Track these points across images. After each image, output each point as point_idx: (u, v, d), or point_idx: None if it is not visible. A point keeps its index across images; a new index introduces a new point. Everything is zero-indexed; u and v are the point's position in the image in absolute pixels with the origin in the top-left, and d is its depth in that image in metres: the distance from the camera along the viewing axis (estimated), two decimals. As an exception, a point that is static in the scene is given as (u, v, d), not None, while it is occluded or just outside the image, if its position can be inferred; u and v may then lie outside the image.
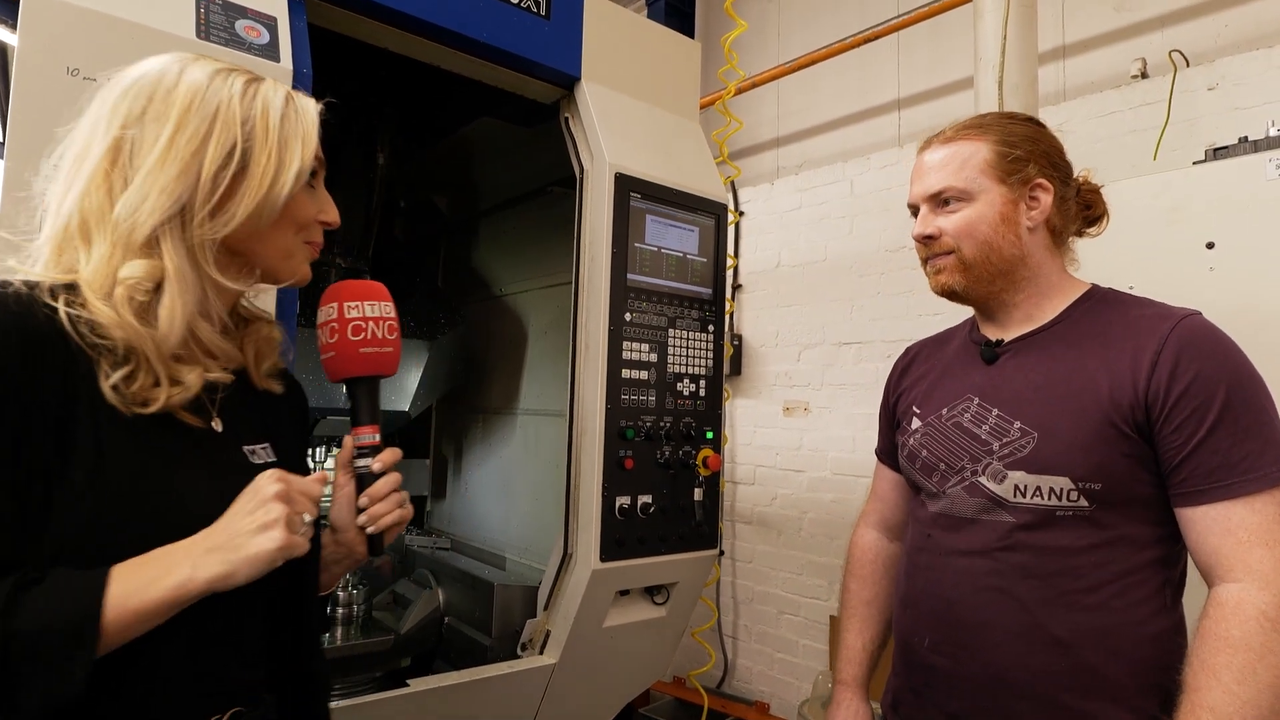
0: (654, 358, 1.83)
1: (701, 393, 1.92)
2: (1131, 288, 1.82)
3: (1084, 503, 1.08)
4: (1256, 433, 1.02)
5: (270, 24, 1.33)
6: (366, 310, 1.02)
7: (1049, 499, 1.10)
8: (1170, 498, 1.07)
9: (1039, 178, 1.18)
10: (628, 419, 1.77)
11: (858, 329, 3.25)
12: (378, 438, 1.02)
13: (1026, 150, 1.18)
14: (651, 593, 1.92)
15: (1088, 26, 2.80)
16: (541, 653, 1.79)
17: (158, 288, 0.81)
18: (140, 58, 0.87)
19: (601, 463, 1.72)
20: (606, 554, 1.72)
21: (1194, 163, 1.76)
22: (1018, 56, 2.11)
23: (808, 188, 3.52)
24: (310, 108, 0.91)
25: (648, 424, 1.80)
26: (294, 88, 1.32)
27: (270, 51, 1.31)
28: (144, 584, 0.72)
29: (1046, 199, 1.19)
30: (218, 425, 0.89)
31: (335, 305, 1.01)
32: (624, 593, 1.85)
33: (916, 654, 1.23)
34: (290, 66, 1.32)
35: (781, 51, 3.74)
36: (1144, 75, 2.46)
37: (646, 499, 1.79)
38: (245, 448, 0.91)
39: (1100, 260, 1.89)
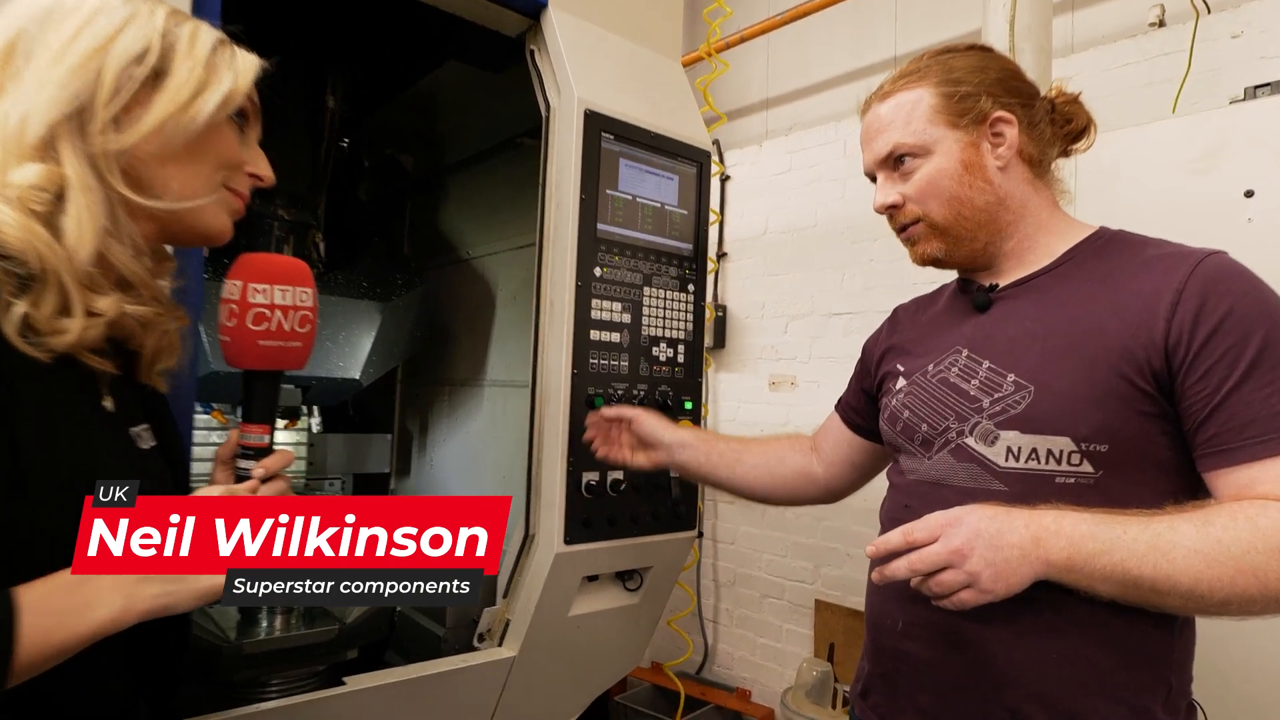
0: (627, 318, 1.64)
1: (680, 359, 1.74)
2: (1158, 242, 1.66)
3: (1087, 467, 0.93)
4: None
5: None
6: (276, 296, 0.88)
7: (1046, 463, 0.94)
8: (1196, 459, 0.91)
9: (997, 110, 1.04)
10: (597, 386, 1.58)
11: (849, 298, 3.07)
12: (267, 439, 0.92)
13: (975, 84, 1.04)
14: (623, 577, 1.76)
15: (1099, -25, 2.60)
16: (500, 644, 1.62)
17: (59, 198, 0.71)
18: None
19: (566, 434, 1.53)
20: (571, 536, 1.54)
21: (1231, 101, 1.58)
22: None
23: (799, 149, 3.32)
24: (250, 57, 0.83)
25: (619, 392, 1.62)
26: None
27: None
28: (64, 616, 0.63)
29: (1011, 131, 1.04)
30: (109, 404, 0.79)
31: (239, 284, 0.87)
32: (592, 578, 1.68)
33: (887, 637, 1.07)
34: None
35: (773, 3, 3.53)
36: (1162, 23, 2.28)
37: (617, 475, 1.61)
38: (131, 430, 0.82)
39: (1124, 211, 1.72)
